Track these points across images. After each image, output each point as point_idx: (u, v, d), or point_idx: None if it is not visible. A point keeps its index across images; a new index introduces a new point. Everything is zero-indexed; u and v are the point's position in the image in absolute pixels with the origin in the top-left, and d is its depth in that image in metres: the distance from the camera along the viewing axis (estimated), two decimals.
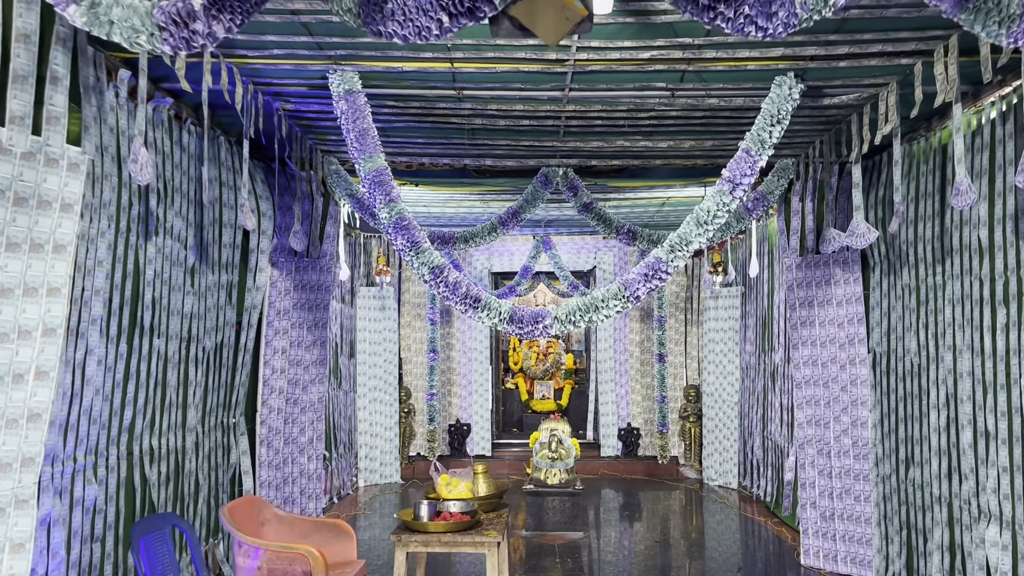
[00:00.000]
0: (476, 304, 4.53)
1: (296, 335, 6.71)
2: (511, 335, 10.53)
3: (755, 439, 9.51)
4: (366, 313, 10.64)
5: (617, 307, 4.50)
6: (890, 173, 6.00)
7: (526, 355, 14.23)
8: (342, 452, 9.76)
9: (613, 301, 4.51)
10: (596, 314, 4.52)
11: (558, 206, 8.62)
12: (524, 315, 4.54)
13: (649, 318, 11.76)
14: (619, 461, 11.50)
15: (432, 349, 10.42)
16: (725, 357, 10.53)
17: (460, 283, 4.54)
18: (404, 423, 11.42)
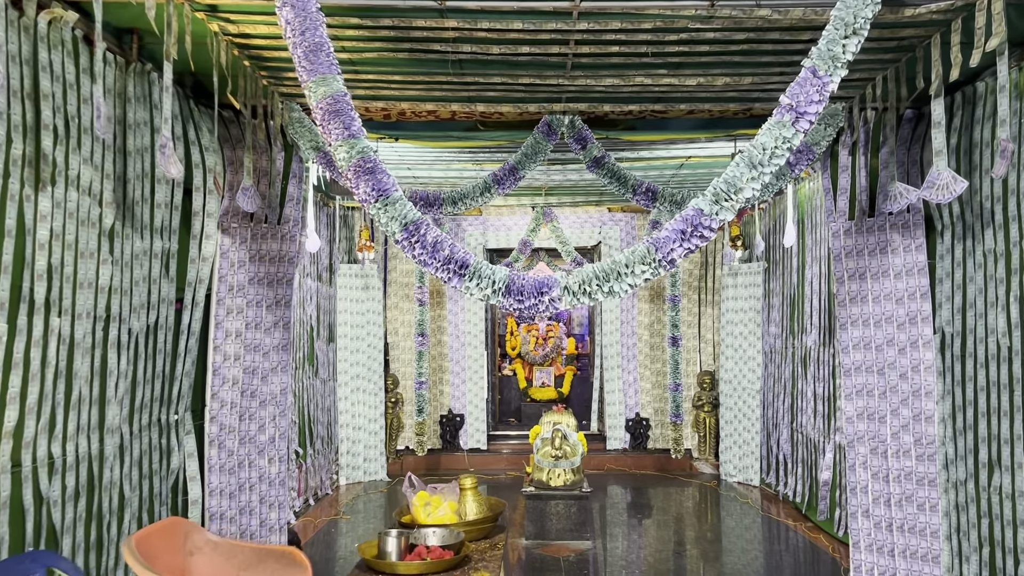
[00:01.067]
0: (462, 271, 3.48)
1: (254, 315, 5.66)
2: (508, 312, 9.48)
3: (781, 432, 8.50)
4: (347, 293, 9.59)
5: (646, 273, 3.46)
6: (967, 115, 4.94)
7: (524, 339, 13.20)
8: (320, 448, 8.74)
9: (640, 266, 3.47)
10: (618, 283, 3.48)
11: (561, 168, 7.55)
12: (524, 285, 3.50)
13: (660, 298, 10.71)
14: (627, 455, 10.50)
15: (421, 333, 9.40)
16: (746, 340, 9.50)
17: (441, 243, 3.49)
18: (391, 414, 10.39)
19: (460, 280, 3.50)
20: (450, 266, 3.48)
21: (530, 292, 3.51)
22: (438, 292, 10.80)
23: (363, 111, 5.84)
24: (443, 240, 3.51)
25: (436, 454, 10.54)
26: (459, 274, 3.49)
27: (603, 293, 3.51)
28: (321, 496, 8.74)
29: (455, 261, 3.49)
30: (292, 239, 5.87)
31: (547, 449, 6.90)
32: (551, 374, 12.96)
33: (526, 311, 3.51)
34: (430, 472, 10.18)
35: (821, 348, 7.38)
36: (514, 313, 3.75)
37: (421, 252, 3.49)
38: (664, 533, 7.40)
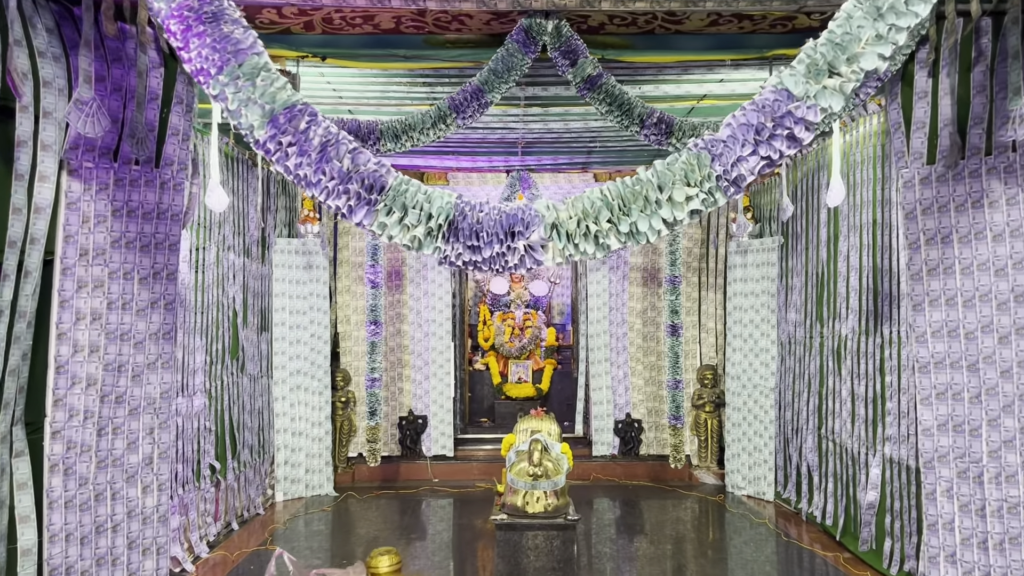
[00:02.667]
0: (373, 195, 1.99)
1: (120, 291, 4.11)
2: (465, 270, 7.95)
3: (805, 439, 7.07)
4: (285, 273, 8.03)
5: (693, 202, 2.01)
6: None
7: (499, 330, 11.69)
8: (248, 459, 7.18)
9: (684, 188, 1.98)
10: (645, 217, 2.00)
11: (541, 115, 6.05)
12: (484, 222, 2.03)
13: (654, 280, 9.24)
14: (616, 462, 9.04)
15: (374, 320, 7.88)
16: (757, 329, 8.07)
17: (335, 146, 2.00)
18: (340, 416, 8.84)
19: (370, 212, 2.02)
20: (352, 186, 1.98)
21: (493, 234, 2.01)
22: (396, 273, 9.26)
23: (275, 17, 4.29)
24: (339, 141, 2.00)
25: (394, 463, 9.02)
26: (368, 201, 2.00)
27: (618, 236, 2.03)
28: (249, 518, 7.19)
29: (361, 178, 1.98)
30: (178, 189, 4.32)
31: (523, 465, 5.41)
32: (528, 368, 11.47)
33: (486, 265, 2.03)
34: (386, 485, 8.66)
35: (863, 337, 5.95)
36: (469, 269, 2.27)
37: (301, 162, 2.00)
38: (669, 566, 5.95)
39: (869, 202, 5.87)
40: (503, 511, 5.48)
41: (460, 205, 2.01)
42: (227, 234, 6.71)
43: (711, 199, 1.96)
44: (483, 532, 6.69)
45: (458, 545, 6.47)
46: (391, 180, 1.99)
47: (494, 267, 2.04)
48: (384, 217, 2.00)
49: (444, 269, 9.11)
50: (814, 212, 6.99)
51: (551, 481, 5.36)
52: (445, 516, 7.53)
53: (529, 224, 1.99)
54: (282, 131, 1.97)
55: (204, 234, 6.24)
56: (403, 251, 9.23)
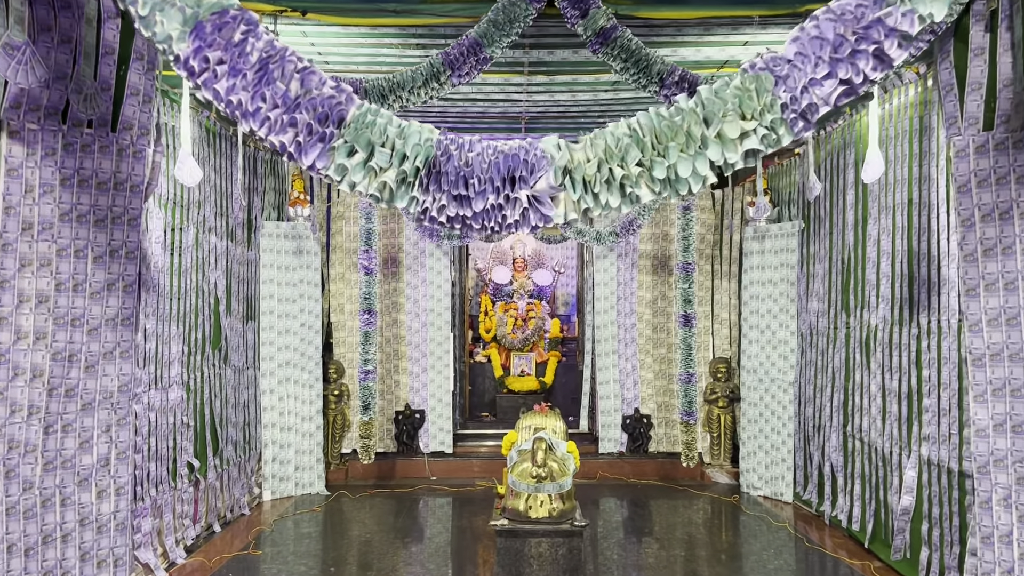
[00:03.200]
0: (328, 127, 1.52)
1: (69, 271, 3.64)
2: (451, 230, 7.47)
3: (828, 437, 6.59)
4: (274, 259, 7.56)
5: (751, 139, 1.49)
6: None
7: (501, 320, 11.22)
8: (232, 456, 6.72)
9: (738, 121, 1.49)
10: (688, 158, 1.50)
11: (546, 85, 5.57)
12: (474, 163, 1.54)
13: (665, 268, 8.76)
14: (624, 460, 8.57)
15: (367, 309, 7.41)
16: (775, 320, 7.59)
17: (280, 63, 1.52)
18: (334, 410, 8.38)
19: (325, 152, 1.56)
20: (301, 116, 1.51)
21: (487, 180, 1.53)
22: (392, 259, 8.78)
23: None
24: (284, 59, 1.52)
25: (390, 459, 8.56)
26: (322, 137, 1.53)
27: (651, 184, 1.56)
28: (233, 519, 6.74)
29: (313, 105, 1.51)
30: (138, 157, 3.84)
31: (526, 466, 4.94)
32: (532, 361, 11.01)
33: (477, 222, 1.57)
34: (380, 483, 8.20)
35: (895, 328, 5.46)
36: (455, 230, 1.83)
37: (234, 85, 1.55)
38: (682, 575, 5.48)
39: (904, 180, 5.37)
40: (504, 515, 5.02)
41: (444, 143, 1.53)
42: (208, 215, 6.24)
43: (772, 136, 1.49)
44: (483, 535, 6.23)
45: (456, 550, 6.01)
46: (352, 109, 1.52)
47: (488, 225, 1.56)
48: (344, 158, 1.52)
49: (443, 255, 8.64)
50: (839, 194, 6.50)
51: (556, 483, 4.89)
52: (443, 517, 7.07)
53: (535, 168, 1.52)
54: (209, 44, 1.49)
55: (181, 213, 5.77)
56: (399, 236, 8.76)
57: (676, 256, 8.59)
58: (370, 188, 1.58)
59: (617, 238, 7.50)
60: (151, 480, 5.26)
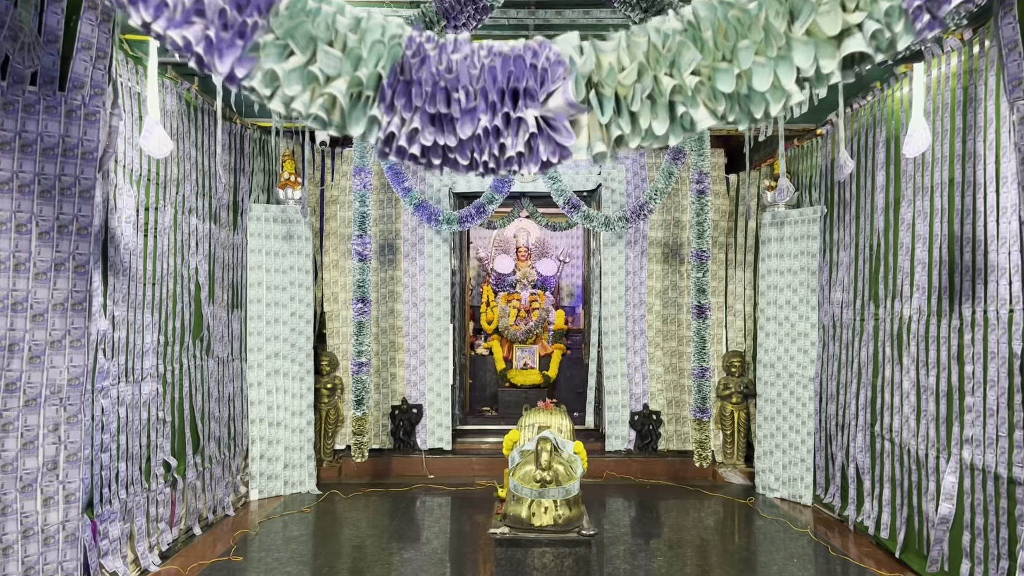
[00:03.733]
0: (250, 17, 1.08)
1: (9, 248, 3.20)
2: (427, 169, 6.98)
3: (854, 436, 6.14)
4: (262, 243, 7.11)
5: (861, 39, 1.03)
6: None
7: (503, 311, 10.78)
8: (215, 454, 6.30)
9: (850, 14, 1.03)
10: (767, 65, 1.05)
11: None
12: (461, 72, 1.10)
13: (676, 256, 8.30)
14: (632, 459, 8.13)
15: (361, 298, 6.97)
16: (794, 311, 7.13)
17: None
18: (326, 404, 7.96)
19: (244, 52, 1.07)
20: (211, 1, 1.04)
21: (477, 93, 1.07)
22: (389, 246, 8.33)
23: None
24: None
25: (385, 456, 8.14)
26: (241, 31, 1.07)
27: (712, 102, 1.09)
28: (216, 520, 6.31)
29: None
30: (91, 120, 3.39)
31: (529, 469, 4.50)
32: (535, 354, 10.58)
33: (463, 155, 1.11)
34: (375, 482, 7.78)
35: (932, 319, 5.00)
36: (439, 166, 1.33)
37: None
38: None
39: (944, 158, 4.91)
40: (504, 522, 4.58)
41: (416, 41, 1.09)
42: (188, 194, 5.79)
43: (885, 35, 1.05)
44: (483, 540, 5.79)
45: (455, 558, 5.57)
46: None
47: (479, 159, 1.12)
48: (274, 61, 1.10)
49: (442, 242, 8.19)
50: (867, 176, 6.04)
51: (562, 488, 4.45)
52: (440, 518, 6.64)
53: (546, 77, 1.07)
54: None
55: (157, 192, 5.33)
56: (397, 221, 8.31)
57: (689, 243, 8.13)
58: (312, 107, 1.14)
59: (627, 224, 7.04)
60: (120, 481, 4.83)
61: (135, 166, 4.97)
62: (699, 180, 6.96)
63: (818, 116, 6.87)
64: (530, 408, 5.29)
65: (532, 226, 11.81)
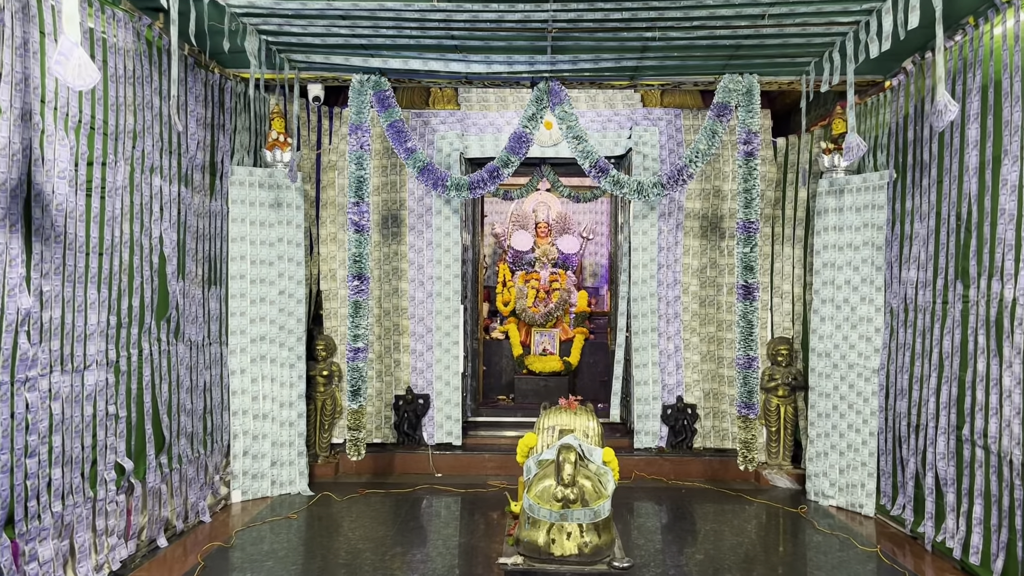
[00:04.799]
0: None
1: None
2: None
3: (934, 440, 5.20)
4: (246, 212, 6.25)
5: None
6: None
7: (520, 292, 9.88)
8: (185, 453, 5.47)
9: None
10: None
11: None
12: None
13: (716, 231, 7.35)
14: (664, 457, 7.22)
15: (357, 275, 6.09)
16: (855, 292, 6.18)
17: None
18: (323, 393, 7.12)
19: None
20: None
21: None
22: (393, 218, 7.44)
23: None
24: None
25: (388, 452, 7.29)
26: None
27: None
28: (187, 528, 5.49)
29: None
30: None
31: (548, 485, 3.61)
32: (555, 338, 9.68)
33: None
34: (376, 480, 6.94)
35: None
36: None
37: None
38: None
39: None
40: (518, 549, 3.70)
41: None
42: (150, 150, 4.92)
43: None
44: (495, 554, 4.91)
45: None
46: None
47: None
48: None
49: (452, 213, 7.30)
50: (954, 131, 5.05)
51: (589, 510, 3.56)
52: (447, 523, 5.79)
53: None
54: None
55: (106, 143, 4.46)
56: (402, 190, 7.41)
57: (732, 214, 7.19)
58: None
59: (663, 191, 6.10)
60: (54, 491, 4.00)
61: (72, 110, 4.10)
62: (747, 140, 6.00)
63: (886, 66, 5.88)
64: (549, 407, 4.40)
65: (553, 200, 10.88)
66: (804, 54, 5.64)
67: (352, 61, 5.85)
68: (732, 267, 7.33)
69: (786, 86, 6.38)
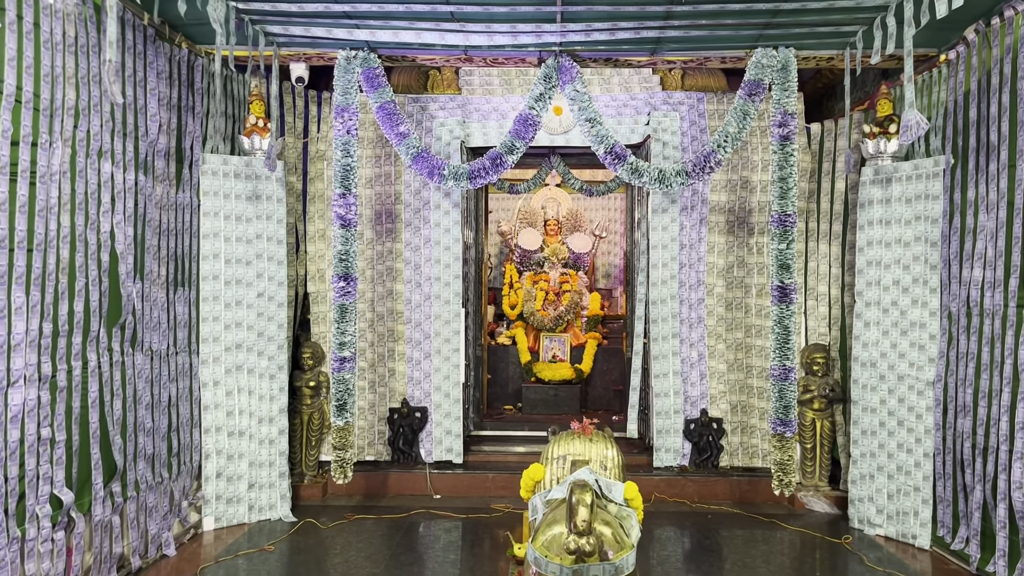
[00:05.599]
0: None
1: None
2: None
3: (1006, 465, 4.47)
4: (219, 205, 5.58)
5: None
6: None
7: (528, 294, 9.18)
8: (144, 479, 4.80)
9: None
10: None
11: None
12: None
13: (742, 225, 6.64)
14: (687, 477, 6.51)
15: (343, 275, 5.40)
16: (906, 294, 5.45)
17: None
18: (309, 407, 6.45)
19: None
20: None
21: None
22: (388, 213, 6.76)
23: None
24: None
25: (381, 471, 6.61)
26: None
27: None
28: (146, 565, 4.81)
29: None
30: None
31: (558, 532, 2.91)
32: (566, 344, 8.99)
33: None
34: (367, 504, 6.25)
35: None
36: None
37: None
38: None
39: None
40: None
41: None
42: (98, 131, 4.26)
43: None
44: None
45: None
46: None
47: None
48: None
49: (452, 207, 6.62)
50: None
51: (610, 564, 2.86)
52: (445, 553, 5.09)
53: None
54: None
55: (36, 120, 3.80)
56: (397, 183, 6.74)
57: (762, 208, 6.48)
58: None
59: (687, 179, 5.39)
60: None
61: None
62: (783, 122, 5.30)
63: (941, 37, 5.17)
64: (559, 432, 3.70)
65: (563, 196, 10.18)
66: (851, 21, 4.92)
67: (335, 33, 5.17)
68: (761, 266, 6.61)
69: (825, 63, 5.68)
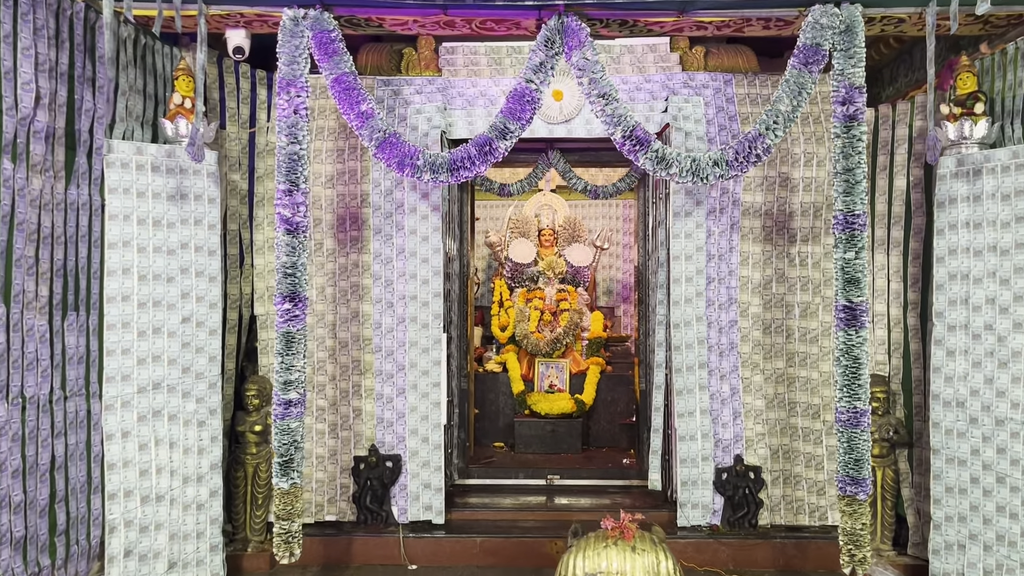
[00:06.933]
0: None
1: None
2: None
3: None
4: (131, 205, 4.36)
5: None
6: None
7: (521, 314, 7.99)
8: (17, 568, 3.55)
9: None
10: None
11: None
12: None
13: (782, 232, 5.48)
14: (719, 539, 5.30)
15: (289, 294, 4.18)
16: (1004, 316, 4.30)
17: None
18: (254, 457, 5.21)
19: None
20: None
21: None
22: (352, 218, 5.55)
23: None
24: None
25: (344, 535, 5.37)
26: None
27: None
28: None
29: None
30: None
31: None
32: (564, 370, 7.80)
33: None
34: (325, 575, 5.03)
35: None
36: None
37: None
38: None
39: None
40: None
41: None
42: None
43: None
44: None
45: None
46: None
47: None
48: None
49: (431, 213, 5.44)
50: None
51: None
52: None
53: None
54: None
55: None
56: (363, 182, 5.55)
57: (805, 210, 5.34)
58: None
59: (727, 170, 4.23)
60: None
61: None
62: (847, 98, 4.15)
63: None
64: (580, 533, 2.49)
65: (559, 202, 9.02)
66: None
67: None
68: (805, 281, 5.46)
69: (893, 29, 4.56)
